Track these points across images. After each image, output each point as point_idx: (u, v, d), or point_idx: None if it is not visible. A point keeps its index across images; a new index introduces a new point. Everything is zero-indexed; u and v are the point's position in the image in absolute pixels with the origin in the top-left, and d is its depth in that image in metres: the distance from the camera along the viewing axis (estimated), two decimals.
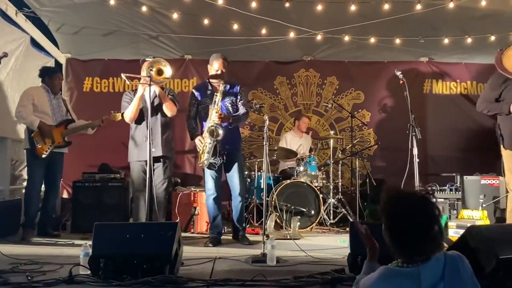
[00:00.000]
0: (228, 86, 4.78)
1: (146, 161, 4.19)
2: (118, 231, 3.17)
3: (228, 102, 4.79)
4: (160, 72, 4.28)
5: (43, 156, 4.95)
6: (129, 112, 4.64)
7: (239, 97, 4.86)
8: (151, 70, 4.15)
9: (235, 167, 4.82)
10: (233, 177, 4.83)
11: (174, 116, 4.81)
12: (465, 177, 6.01)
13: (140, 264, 2.92)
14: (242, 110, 4.84)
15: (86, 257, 3.09)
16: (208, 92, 4.80)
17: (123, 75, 4.33)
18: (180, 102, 5.15)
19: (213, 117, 4.57)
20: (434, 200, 1.77)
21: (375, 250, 2.16)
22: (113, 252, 2.98)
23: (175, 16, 5.82)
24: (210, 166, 4.65)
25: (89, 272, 3.01)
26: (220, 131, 4.49)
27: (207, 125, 4.62)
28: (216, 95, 4.63)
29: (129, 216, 5.70)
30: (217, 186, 4.78)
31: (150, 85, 4.15)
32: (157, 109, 4.70)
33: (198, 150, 4.72)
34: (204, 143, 4.61)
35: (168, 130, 4.82)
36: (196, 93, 4.86)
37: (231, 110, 4.80)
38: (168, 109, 4.67)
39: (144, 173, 4.44)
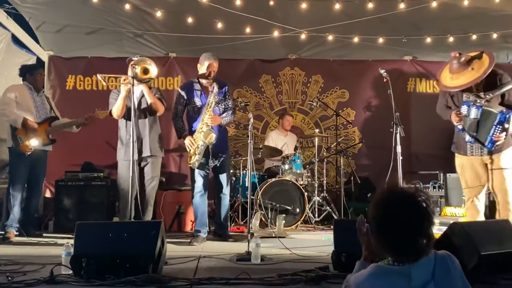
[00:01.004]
0: (217, 87, 4.74)
1: (135, 159, 4.21)
2: (100, 230, 3.13)
3: (216, 102, 4.78)
4: (145, 71, 4.26)
5: (28, 153, 4.88)
6: (115, 109, 4.63)
7: (227, 96, 4.90)
8: (135, 69, 4.12)
9: (225, 167, 4.91)
10: (222, 176, 4.89)
11: (161, 114, 4.80)
12: (448, 174, 6.07)
13: (123, 263, 2.89)
14: (229, 110, 4.87)
15: (68, 256, 3.05)
16: (196, 90, 4.79)
17: (99, 76, 4.32)
18: (165, 100, 5.13)
19: (206, 119, 4.59)
20: (427, 198, 1.75)
21: (371, 250, 2.10)
22: (96, 251, 2.95)
23: (158, 14, 5.78)
24: (201, 167, 4.67)
25: (71, 272, 2.98)
26: (214, 135, 4.54)
27: (199, 126, 4.63)
28: (209, 97, 4.65)
29: (114, 215, 5.65)
30: (205, 185, 4.81)
31: (133, 84, 4.12)
32: (144, 108, 4.68)
33: (188, 150, 4.71)
34: (196, 144, 4.61)
35: (156, 129, 4.81)
36: (182, 92, 4.84)
37: (220, 111, 4.82)
38: (155, 108, 4.64)
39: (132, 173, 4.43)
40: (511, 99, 4.09)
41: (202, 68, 4.76)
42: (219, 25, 6.07)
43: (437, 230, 4.75)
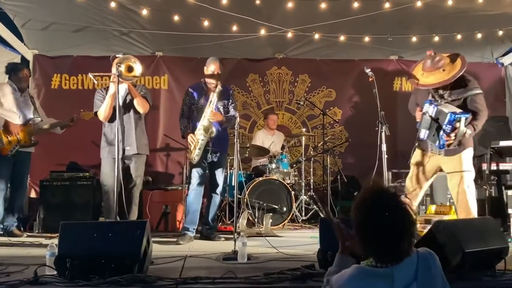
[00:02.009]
0: (221, 88, 4.82)
1: (119, 158, 4.21)
2: (85, 230, 3.10)
3: (220, 104, 4.86)
4: (130, 69, 4.23)
5: (8, 155, 4.83)
6: (102, 111, 4.58)
7: (231, 100, 4.98)
8: (119, 67, 4.09)
9: (221, 164, 4.99)
10: (218, 176, 4.95)
11: (145, 113, 4.77)
12: None
13: (108, 263, 2.86)
14: (232, 112, 4.94)
15: (52, 257, 3.02)
16: (203, 92, 4.87)
17: (90, 75, 4.29)
18: (152, 100, 5.12)
19: (207, 115, 4.67)
20: (406, 199, 1.77)
21: (347, 244, 2.13)
22: (80, 251, 2.92)
23: (144, 12, 5.74)
24: (199, 163, 4.76)
25: (55, 272, 2.94)
26: (214, 129, 4.64)
27: (201, 122, 4.69)
28: (212, 94, 4.72)
29: (100, 215, 5.61)
30: (201, 183, 4.86)
31: (118, 82, 4.09)
32: (129, 106, 4.65)
33: (189, 146, 4.75)
34: (197, 139, 4.67)
35: (141, 127, 4.79)
36: (193, 92, 4.90)
37: (222, 112, 4.88)
38: (140, 106, 4.63)
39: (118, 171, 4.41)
40: (473, 105, 4.19)
41: (208, 71, 4.86)
42: (206, 24, 6.05)
43: (422, 228, 4.82)
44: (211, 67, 4.83)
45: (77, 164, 6.00)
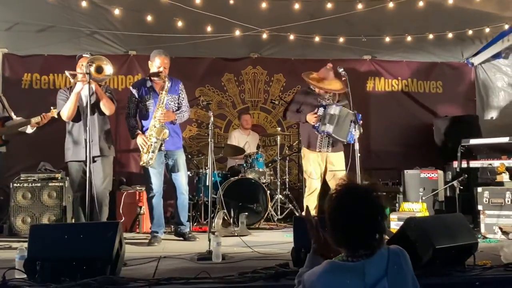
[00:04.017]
0: (170, 83, 4.68)
1: (84, 161, 4.12)
2: (56, 232, 3.05)
3: (170, 100, 4.73)
4: (99, 69, 4.15)
5: None
6: (66, 110, 4.46)
7: (181, 94, 4.85)
8: (90, 66, 4.02)
9: (181, 165, 4.83)
10: (180, 176, 4.83)
11: (112, 113, 4.69)
12: (405, 171, 6.22)
13: (80, 265, 2.82)
14: (184, 107, 4.85)
15: (22, 260, 2.95)
16: (148, 89, 4.72)
17: (67, 72, 4.20)
18: (125, 99, 5.04)
19: (158, 116, 4.51)
20: (380, 193, 1.79)
21: (320, 244, 2.14)
22: (51, 254, 2.87)
23: (117, 11, 5.66)
24: (155, 165, 4.62)
25: (25, 276, 2.88)
26: (168, 131, 4.50)
27: (152, 123, 4.56)
28: (161, 93, 4.57)
29: (72, 217, 5.51)
30: (160, 184, 4.76)
31: (90, 82, 4.02)
32: (94, 106, 4.51)
33: (141, 149, 4.62)
34: (149, 142, 4.54)
35: (106, 128, 4.68)
36: (134, 90, 4.77)
37: (173, 108, 4.76)
38: (106, 107, 4.52)
39: (83, 173, 4.31)
40: None
41: (153, 66, 4.69)
42: (180, 24, 6.00)
43: (395, 225, 4.90)
44: (156, 62, 4.64)
45: (48, 165, 5.87)
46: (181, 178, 4.83)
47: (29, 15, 5.82)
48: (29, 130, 5.15)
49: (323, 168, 5.08)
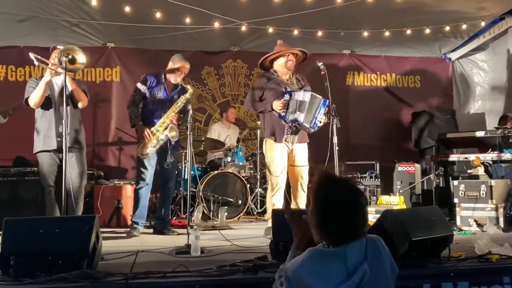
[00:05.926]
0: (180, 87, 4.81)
1: (55, 150, 4.10)
2: (30, 227, 2.98)
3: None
4: (73, 60, 4.06)
5: None
6: (34, 96, 4.24)
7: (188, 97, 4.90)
8: (66, 57, 3.94)
9: (175, 161, 4.93)
10: (172, 170, 4.90)
11: (85, 106, 4.54)
12: (383, 164, 6.29)
13: (55, 260, 2.77)
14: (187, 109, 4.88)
15: None
16: (162, 85, 4.78)
17: (31, 55, 4.10)
18: (103, 92, 4.97)
19: (171, 116, 4.63)
20: (360, 186, 1.88)
21: (302, 238, 2.14)
22: (26, 248, 2.81)
23: (94, 2, 5.54)
24: (153, 159, 4.75)
25: None
26: (177, 134, 4.67)
27: (162, 120, 4.63)
28: (181, 97, 4.69)
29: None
30: (151, 177, 4.81)
31: (65, 73, 3.95)
32: (67, 98, 4.36)
33: (146, 140, 4.64)
34: (155, 137, 4.61)
35: (77, 120, 4.51)
36: (147, 83, 4.77)
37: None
38: (80, 101, 4.41)
39: (58, 167, 4.23)
40: None
41: (173, 66, 4.76)
42: (158, 15, 5.93)
43: (373, 218, 4.94)
44: (177, 64, 4.74)
45: (24, 159, 5.77)
46: (172, 172, 4.93)
47: (5, 4, 5.67)
48: (2, 119, 5.05)
49: (286, 161, 4.68)
